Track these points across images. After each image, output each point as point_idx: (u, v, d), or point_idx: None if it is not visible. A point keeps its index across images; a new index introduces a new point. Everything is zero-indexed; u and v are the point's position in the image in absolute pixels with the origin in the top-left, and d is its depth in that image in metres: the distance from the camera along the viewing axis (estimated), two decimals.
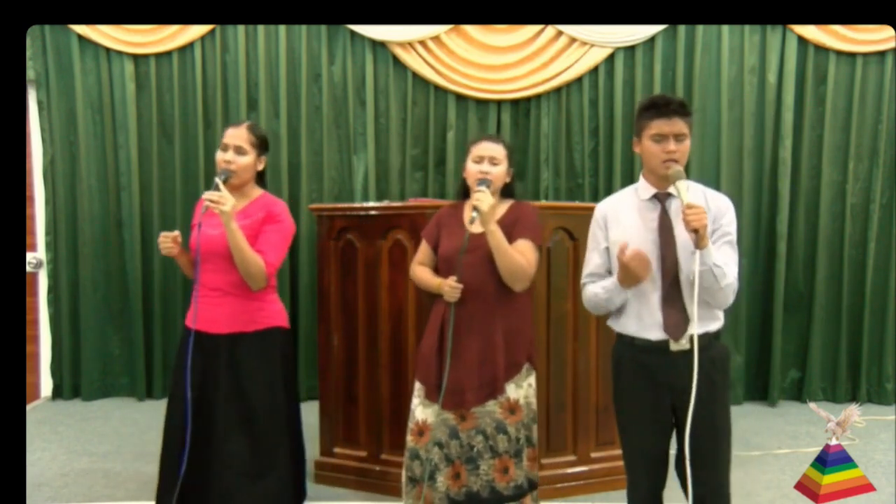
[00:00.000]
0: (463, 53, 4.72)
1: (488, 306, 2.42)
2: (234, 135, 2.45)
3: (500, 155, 2.49)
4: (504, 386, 2.42)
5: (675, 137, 2.07)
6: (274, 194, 4.58)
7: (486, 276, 2.41)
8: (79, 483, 3.37)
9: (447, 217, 2.60)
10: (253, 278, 2.38)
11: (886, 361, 4.77)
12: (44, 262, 4.78)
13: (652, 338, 2.11)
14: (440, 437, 2.43)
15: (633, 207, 2.18)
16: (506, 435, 2.41)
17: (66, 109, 4.70)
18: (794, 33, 4.66)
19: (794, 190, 4.75)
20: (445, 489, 2.42)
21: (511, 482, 2.42)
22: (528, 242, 2.45)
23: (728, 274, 2.03)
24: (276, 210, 2.49)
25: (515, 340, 2.46)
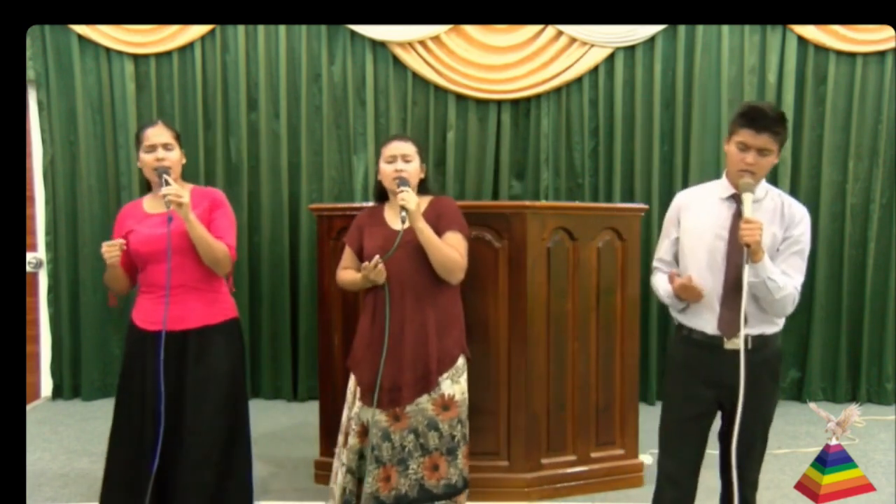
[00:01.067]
0: (463, 53, 4.72)
1: (419, 300, 2.45)
2: (156, 133, 2.48)
3: (411, 152, 2.54)
4: (437, 380, 2.43)
5: (759, 151, 2.10)
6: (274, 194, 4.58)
7: (414, 271, 2.44)
8: (79, 483, 3.37)
9: (367, 219, 2.64)
10: (220, 264, 2.43)
11: (886, 361, 4.77)
12: (44, 262, 4.78)
13: (707, 330, 2.17)
14: (373, 440, 2.45)
15: (711, 202, 2.23)
16: (437, 432, 2.43)
17: (66, 109, 4.70)
18: (794, 33, 4.66)
19: (794, 190, 4.75)
20: (373, 490, 2.43)
21: (442, 480, 2.43)
22: (456, 234, 2.49)
23: (785, 286, 2.08)
24: (217, 197, 2.55)
25: (447, 333, 2.48)
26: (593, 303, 3.25)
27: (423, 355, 2.43)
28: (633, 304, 3.34)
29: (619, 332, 3.31)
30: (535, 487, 3.13)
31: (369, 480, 2.43)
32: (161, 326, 2.40)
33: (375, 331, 2.48)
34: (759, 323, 2.15)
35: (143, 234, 2.45)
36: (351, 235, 2.67)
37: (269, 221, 4.75)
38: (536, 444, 3.15)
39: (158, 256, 2.41)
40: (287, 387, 4.80)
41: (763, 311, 2.14)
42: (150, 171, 2.47)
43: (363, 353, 2.52)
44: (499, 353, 3.09)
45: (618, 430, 3.31)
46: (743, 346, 2.06)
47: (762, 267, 2.04)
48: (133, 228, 2.49)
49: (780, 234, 2.14)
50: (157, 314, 2.43)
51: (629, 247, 3.30)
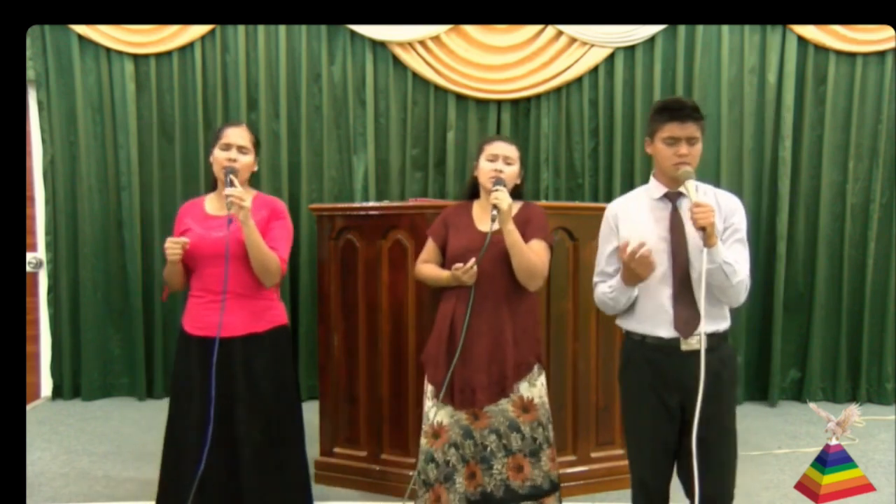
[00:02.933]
0: (463, 53, 4.72)
1: (499, 305, 2.42)
2: (236, 134, 2.46)
3: (514, 155, 2.50)
4: (514, 385, 2.41)
5: (688, 141, 2.10)
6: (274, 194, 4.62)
7: (498, 275, 2.41)
8: (79, 483, 3.37)
9: (455, 216, 2.59)
10: (270, 274, 2.39)
11: (886, 361, 4.77)
12: (44, 262, 4.78)
13: (663, 335, 2.12)
14: (455, 439, 2.42)
15: (645, 207, 2.21)
16: (519, 433, 2.41)
17: (66, 109, 4.70)
18: (794, 33, 4.66)
19: (794, 190, 4.75)
20: (463, 490, 2.42)
21: (527, 481, 2.41)
22: (541, 243, 2.46)
23: (739, 271, 2.05)
24: (279, 207, 2.52)
25: (525, 339, 2.45)
26: (593, 303, 3.24)
27: (499, 360, 2.40)
28: None
29: (618, 332, 3.29)
30: None
31: (459, 480, 2.41)
32: (208, 332, 2.38)
33: (454, 330, 2.44)
34: (712, 320, 2.10)
35: (200, 235, 2.41)
36: (436, 230, 2.60)
37: None
38: None
39: (212, 260, 2.38)
40: None
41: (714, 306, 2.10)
42: (219, 169, 2.43)
43: (437, 351, 2.48)
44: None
45: (618, 430, 3.31)
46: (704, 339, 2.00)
47: (717, 251, 2.01)
48: (191, 228, 2.45)
49: (720, 226, 2.11)
50: (204, 319, 2.40)
51: None
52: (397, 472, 3.19)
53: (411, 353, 3.14)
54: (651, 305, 2.15)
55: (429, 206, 3.12)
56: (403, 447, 3.19)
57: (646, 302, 2.17)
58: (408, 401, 3.17)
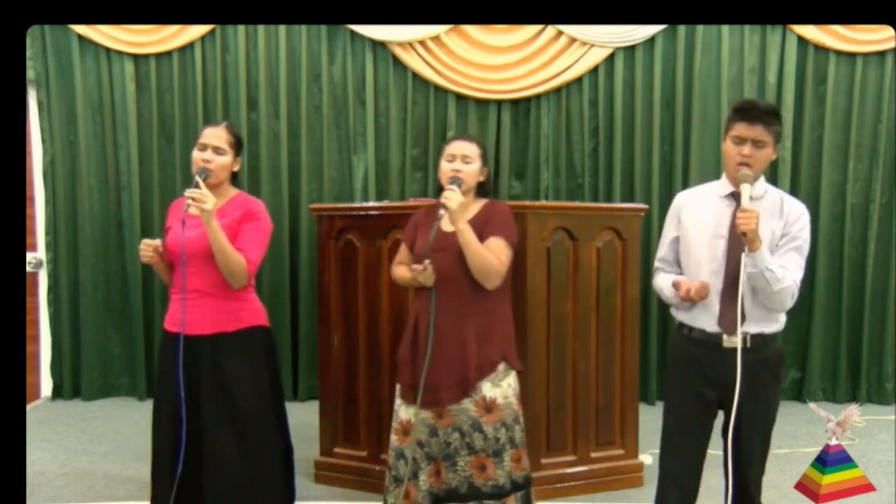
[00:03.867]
0: (463, 53, 4.72)
1: (460, 304, 2.43)
2: (212, 134, 2.46)
3: (472, 153, 2.51)
4: (476, 384, 2.42)
5: (754, 143, 2.13)
6: (274, 194, 4.57)
7: (457, 274, 2.42)
8: (79, 483, 3.37)
9: (423, 217, 2.62)
10: (235, 276, 2.37)
11: (886, 361, 4.77)
12: (44, 262, 4.78)
13: (707, 328, 2.19)
14: (420, 437, 2.45)
15: (711, 202, 2.25)
16: (481, 433, 2.41)
17: (66, 109, 4.70)
18: (794, 33, 4.66)
19: (794, 190, 4.74)
20: (428, 487, 2.44)
21: (489, 480, 2.42)
22: (499, 240, 2.45)
23: (783, 278, 2.09)
24: (254, 208, 2.49)
25: (489, 339, 2.45)
26: (593, 303, 3.25)
27: (461, 361, 2.41)
28: (633, 304, 3.34)
29: (619, 332, 3.31)
30: (535, 487, 3.10)
31: (423, 477, 2.44)
32: (178, 328, 2.39)
33: (420, 332, 2.47)
34: (758, 321, 2.16)
35: (175, 232, 2.43)
36: (407, 232, 2.65)
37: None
38: (536, 444, 3.14)
39: (186, 258, 2.39)
40: (287, 387, 4.80)
41: (762, 309, 2.15)
42: (195, 169, 2.44)
43: (407, 352, 2.52)
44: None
45: (618, 430, 3.31)
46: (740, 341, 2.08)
47: (760, 257, 2.05)
48: (171, 226, 2.47)
49: (778, 231, 2.16)
50: (176, 316, 2.42)
51: (629, 247, 3.30)
52: None
53: None
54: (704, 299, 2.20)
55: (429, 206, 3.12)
56: None
57: None
58: None
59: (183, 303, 2.39)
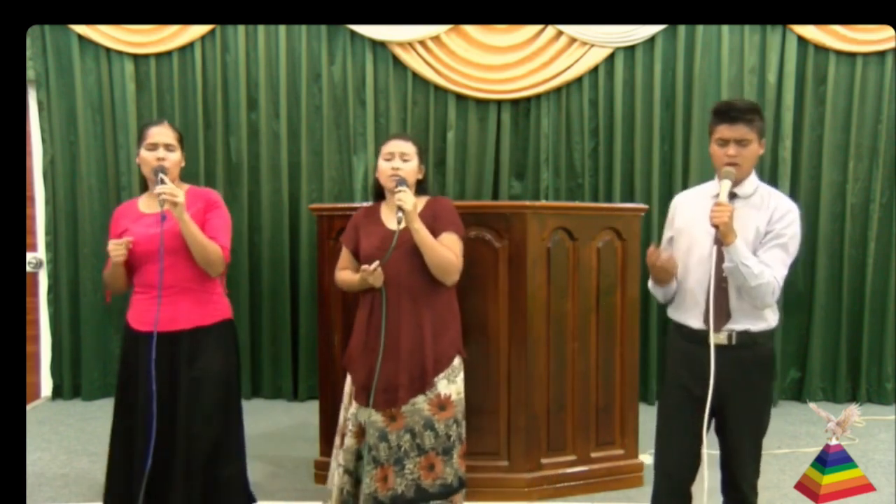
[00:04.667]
0: (463, 53, 4.72)
1: (415, 301, 2.45)
2: (161, 133, 2.48)
3: (410, 151, 2.53)
4: (434, 380, 2.43)
5: (737, 142, 2.16)
6: (274, 194, 4.58)
7: (410, 272, 2.44)
8: (79, 483, 3.37)
9: (363, 219, 2.63)
10: (213, 265, 2.42)
11: (886, 361, 4.77)
12: (44, 262, 4.78)
13: (694, 325, 2.22)
14: (370, 441, 2.45)
15: (702, 202, 2.28)
16: (433, 431, 2.43)
17: (66, 109, 4.70)
18: (794, 33, 4.66)
19: (794, 190, 4.75)
20: (372, 491, 2.43)
21: (437, 479, 2.43)
22: (452, 235, 2.49)
23: (761, 274, 2.10)
24: (213, 197, 2.54)
25: (443, 333, 2.48)
26: (593, 303, 3.25)
27: (419, 356, 2.43)
28: (633, 304, 3.34)
29: (619, 332, 3.31)
30: (535, 487, 3.13)
31: (367, 481, 2.44)
32: (151, 327, 2.40)
33: (371, 331, 2.48)
34: (744, 318, 2.18)
35: (137, 233, 2.44)
36: (347, 235, 2.66)
37: (269, 221, 4.75)
38: (536, 444, 3.15)
39: (152, 256, 2.41)
40: (287, 387, 4.80)
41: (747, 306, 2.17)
42: (148, 169, 2.46)
43: (358, 354, 2.52)
44: (499, 353, 3.09)
45: (618, 430, 3.31)
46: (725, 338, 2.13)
47: (734, 251, 2.08)
48: (128, 228, 2.48)
49: (763, 228, 2.18)
50: (149, 314, 2.42)
51: (629, 247, 3.30)
52: None
53: None
54: (689, 297, 2.25)
55: None
56: None
57: (685, 293, 2.26)
58: None
59: (159, 299, 2.40)
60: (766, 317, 2.22)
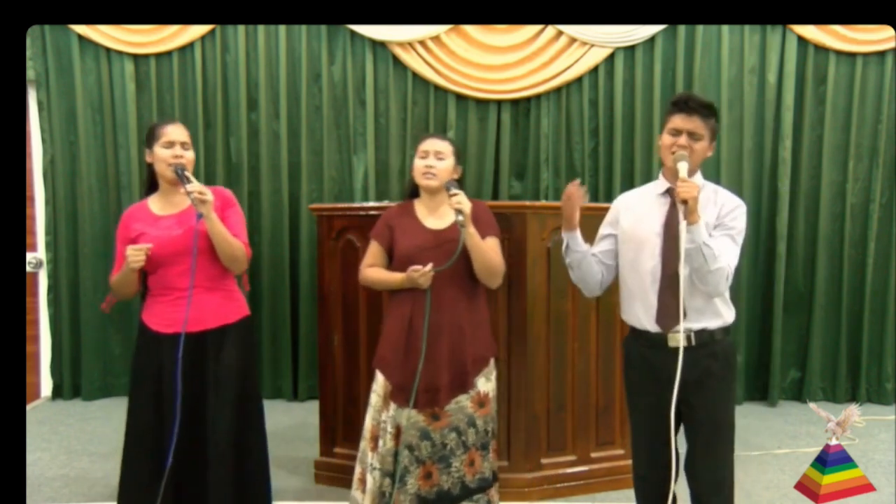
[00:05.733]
0: (463, 53, 4.72)
1: (457, 302, 2.45)
2: (177, 132, 2.48)
3: (445, 150, 2.52)
4: (473, 380, 2.45)
5: (690, 134, 2.14)
6: (274, 194, 4.58)
7: (455, 274, 2.43)
8: (79, 483, 3.37)
9: (398, 217, 2.60)
10: (238, 261, 2.43)
11: (886, 361, 4.77)
12: (44, 262, 4.78)
13: (650, 329, 2.17)
14: (410, 441, 2.44)
15: (648, 201, 2.26)
16: (474, 428, 2.44)
17: (66, 109, 4.70)
18: (794, 33, 4.66)
19: (794, 190, 4.75)
20: (416, 490, 2.43)
21: (477, 474, 2.44)
22: (495, 239, 2.50)
23: (720, 256, 2.05)
24: (228, 195, 2.54)
25: (481, 334, 2.50)
26: (593, 303, 3.25)
27: (460, 357, 2.43)
28: None
29: (619, 332, 3.30)
30: (535, 487, 3.13)
31: (411, 481, 2.42)
32: (178, 328, 2.37)
33: (412, 332, 2.45)
34: (699, 317, 2.13)
35: (156, 236, 2.40)
36: (379, 232, 2.60)
37: (269, 221, 4.75)
38: (536, 444, 3.15)
39: (173, 259, 2.38)
40: (287, 387, 4.80)
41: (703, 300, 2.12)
42: (165, 167, 2.42)
43: (393, 355, 2.49)
44: (499, 353, 3.08)
45: (618, 430, 3.31)
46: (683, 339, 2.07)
47: (697, 231, 2.02)
48: (144, 232, 2.43)
49: (712, 221, 2.15)
50: (173, 316, 2.39)
51: None
52: None
53: None
54: (640, 299, 2.20)
55: None
56: None
57: (636, 296, 2.21)
58: None
59: (189, 300, 2.37)
60: (721, 312, 2.18)
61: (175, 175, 2.39)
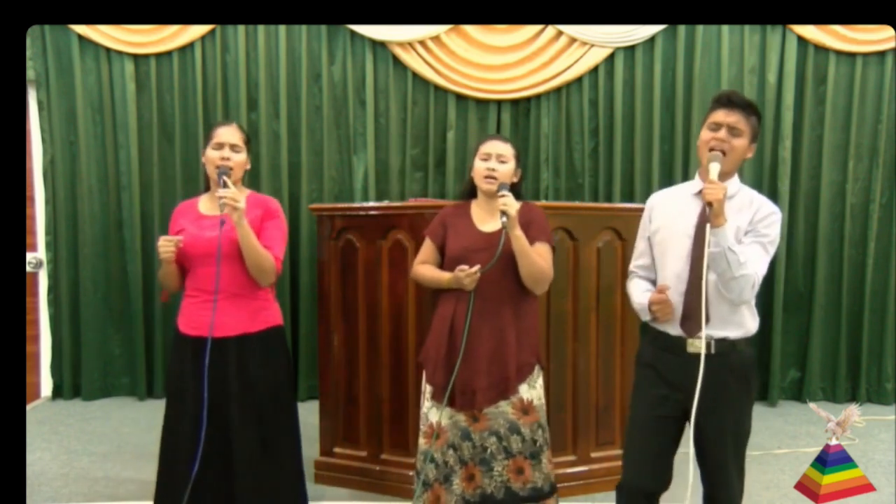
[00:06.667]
0: (463, 53, 4.72)
1: (501, 306, 2.40)
2: (228, 133, 2.47)
3: (508, 153, 2.48)
4: (516, 386, 2.40)
5: (730, 129, 2.07)
6: (274, 194, 4.59)
7: (501, 277, 2.39)
8: (79, 483, 3.37)
9: (453, 217, 2.57)
10: (265, 273, 2.39)
11: (886, 361, 4.77)
12: (44, 262, 4.78)
13: (671, 332, 2.13)
14: (452, 440, 2.42)
15: (681, 201, 2.20)
16: (519, 436, 2.39)
17: (66, 109, 4.70)
18: (794, 33, 4.66)
19: (794, 190, 4.75)
20: (461, 491, 2.41)
21: (528, 483, 2.40)
22: (545, 245, 2.45)
23: (745, 263, 1.99)
24: (273, 206, 2.51)
25: (526, 341, 2.44)
26: (593, 303, 3.25)
27: (502, 362, 2.39)
28: None
29: (618, 332, 3.31)
30: None
31: (456, 481, 2.41)
32: (201, 332, 2.36)
33: (455, 332, 2.42)
34: (723, 325, 2.07)
35: (193, 235, 2.40)
36: (434, 230, 2.58)
37: None
38: None
39: (206, 260, 2.37)
40: None
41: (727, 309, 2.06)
42: (212, 168, 2.42)
43: (436, 353, 2.46)
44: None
45: (618, 430, 3.31)
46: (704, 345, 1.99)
47: (722, 234, 1.95)
48: (185, 228, 2.45)
49: (744, 226, 2.09)
50: (198, 319, 2.39)
51: (629, 247, 3.26)
52: (397, 472, 3.19)
53: (411, 353, 3.14)
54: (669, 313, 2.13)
55: (429, 206, 3.12)
56: (403, 447, 3.19)
57: None
58: (408, 401, 3.17)
59: (214, 304, 2.37)
60: (745, 323, 2.11)
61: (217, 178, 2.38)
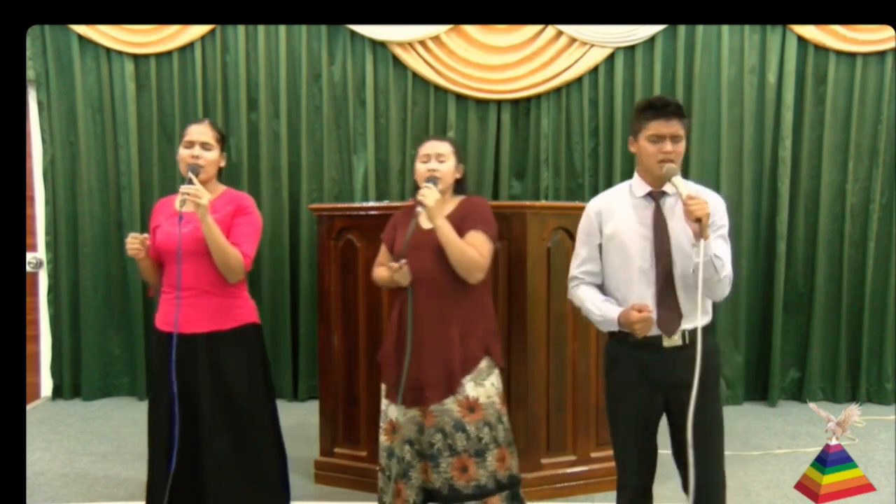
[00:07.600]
0: (463, 53, 4.72)
1: (442, 301, 2.43)
2: (198, 131, 2.47)
3: (446, 152, 2.52)
4: (461, 381, 2.41)
5: (672, 138, 2.10)
6: (274, 194, 4.57)
7: (437, 271, 2.42)
8: (79, 483, 3.37)
9: (401, 218, 2.63)
10: (233, 271, 2.38)
11: (886, 361, 4.76)
12: (44, 262, 4.78)
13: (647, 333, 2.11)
14: (409, 435, 2.45)
15: (628, 204, 2.21)
16: (464, 433, 2.40)
17: (66, 109, 4.70)
18: (794, 33, 4.66)
19: (794, 190, 4.75)
20: (420, 483, 2.46)
21: (472, 481, 2.41)
22: (479, 233, 2.45)
23: (726, 264, 2.06)
24: (244, 203, 2.50)
25: (472, 333, 2.45)
26: None
27: (446, 356, 2.41)
28: None
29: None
30: (535, 487, 3.12)
31: (414, 475, 2.45)
32: (171, 327, 2.38)
33: (401, 330, 2.47)
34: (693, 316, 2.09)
35: (166, 231, 2.43)
36: (387, 233, 2.65)
37: (269, 221, 4.75)
38: (536, 444, 3.15)
39: (174, 256, 2.39)
40: (287, 387, 4.80)
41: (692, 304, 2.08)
42: (184, 166, 2.44)
43: (390, 351, 2.52)
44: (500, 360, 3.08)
45: None
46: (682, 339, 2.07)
47: (708, 245, 1.99)
48: (160, 224, 2.48)
49: None
50: (169, 315, 2.41)
51: None
52: None
53: None
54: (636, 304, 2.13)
55: None
56: None
57: (629, 301, 2.14)
58: None
59: (177, 301, 2.39)
60: (708, 310, 2.17)
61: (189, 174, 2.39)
